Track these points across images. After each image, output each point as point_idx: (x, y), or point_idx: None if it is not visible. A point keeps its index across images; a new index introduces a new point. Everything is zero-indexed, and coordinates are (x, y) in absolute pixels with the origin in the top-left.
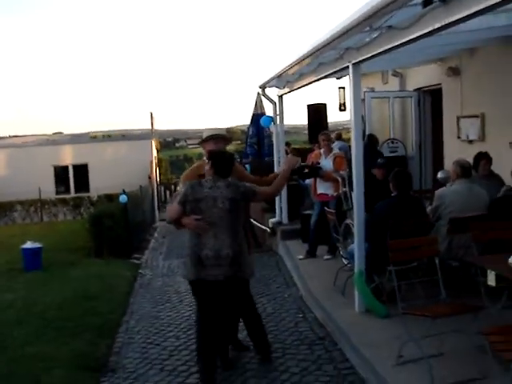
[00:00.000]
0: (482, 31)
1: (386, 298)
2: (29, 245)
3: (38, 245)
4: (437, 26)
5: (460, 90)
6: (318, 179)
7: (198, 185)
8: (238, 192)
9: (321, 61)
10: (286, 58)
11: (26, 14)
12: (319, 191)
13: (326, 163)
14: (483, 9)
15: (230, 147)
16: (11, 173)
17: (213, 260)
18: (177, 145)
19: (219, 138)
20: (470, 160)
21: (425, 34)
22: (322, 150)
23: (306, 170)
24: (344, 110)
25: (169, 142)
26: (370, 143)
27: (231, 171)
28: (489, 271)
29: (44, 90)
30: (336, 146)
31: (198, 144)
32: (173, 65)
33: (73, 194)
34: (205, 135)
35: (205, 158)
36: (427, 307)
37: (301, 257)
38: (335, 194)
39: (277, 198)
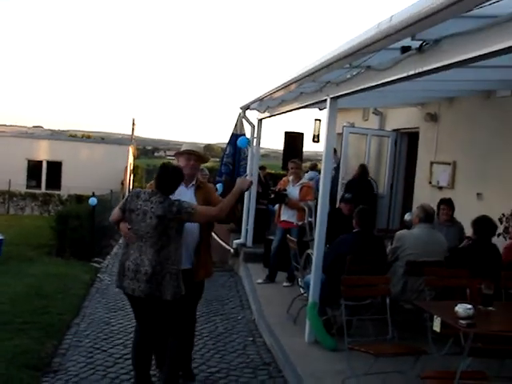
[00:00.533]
0: (459, 82)
1: (336, 331)
2: None
3: None
4: (411, 72)
5: (436, 135)
6: (283, 206)
7: (136, 195)
8: (170, 210)
9: (302, 90)
10: (268, 83)
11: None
12: (283, 218)
13: (293, 191)
14: (454, 63)
15: (207, 164)
16: None
17: (132, 273)
18: (156, 154)
19: (192, 155)
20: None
21: (401, 78)
22: (290, 178)
23: (272, 196)
24: (317, 141)
25: (148, 150)
26: (363, 172)
27: (173, 188)
28: (435, 317)
29: (29, 82)
30: (308, 175)
31: (174, 156)
32: (162, 75)
33: (43, 189)
34: (182, 148)
35: None
36: (372, 345)
37: (260, 281)
38: (299, 222)
39: (244, 220)
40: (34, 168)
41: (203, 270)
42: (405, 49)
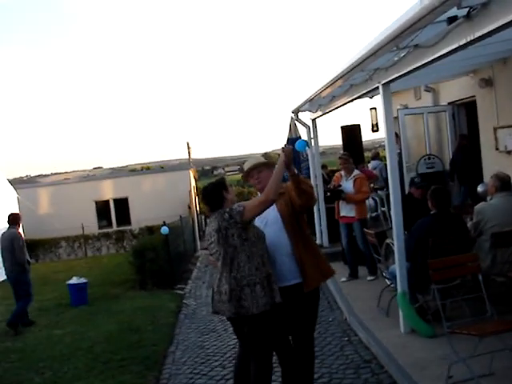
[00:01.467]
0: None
1: (431, 317)
2: (74, 280)
3: (83, 280)
4: (462, 42)
5: (495, 100)
6: (340, 201)
7: (207, 223)
8: (223, 219)
9: (351, 82)
10: (316, 82)
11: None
12: (342, 213)
13: (347, 185)
14: (508, 22)
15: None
16: (54, 210)
17: (218, 295)
18: (215, 172)
19: (261, 166)
20: (510, 170)
21: (451, 50)
22: (342, 173)
23: (328, 194)
24: (377, 130)
25: (207, 170)
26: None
27: (219, 202)
28: None
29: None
30: (371, 165)
31: (243, 179)
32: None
33: (115, 227)
34: (245, 168)
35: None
36: (474, 325)
37: (344, 279)
38: (358, 216)
39: (316, 221)
40: (102, 208)
41: (315, 275)
42: (451, 19)
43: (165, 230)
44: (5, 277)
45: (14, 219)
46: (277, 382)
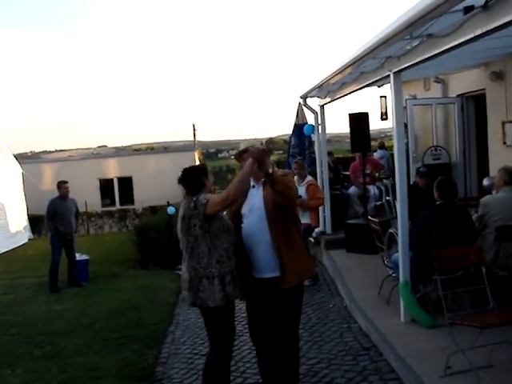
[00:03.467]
0: None
1: (432, 307)
2: (76, 257)
3: (85, 257)
4: (478, 32)
5: (505, 94)
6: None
7: None
8: (189, 208)
9: (362, 70)
10: (326, 68)
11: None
12: None
13: (300, 191)
14: None
15: (272, 157)
16: None
17: (181, 282)
18: (219, 155)
19: (246, 153)
20: None
21: (466, 41)
22: (295, 178)
23: None
24: (386, 118)
25: (211, 152)
26: None
27: (198, 187)
28: None
29: (88, 104)
30: (378, 154)
31: (235, 158)
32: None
33: (118, 206)
34: (241, 148)
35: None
36: (475, 317)
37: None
38: (314, 224)
39: (320, 208)
40: (106, 186)
41: (293, 274)
42: (468, 9)
43: (171, 209)
44: (5, 249)
45: None
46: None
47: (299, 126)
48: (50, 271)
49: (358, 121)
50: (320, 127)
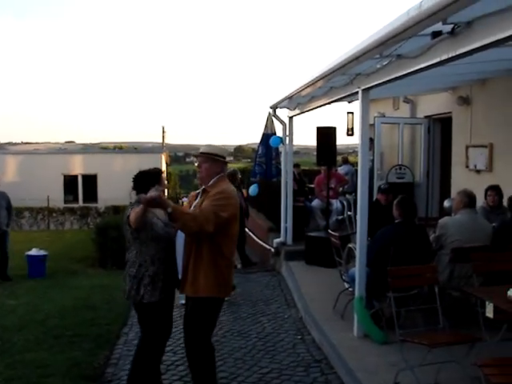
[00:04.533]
0: (492, 62)
1: (385, 323)
2: (34, 252)
3: (43, 252)
4: (444, 57)
5: (470, 119)
6: None
7: None
8: (125, 214)
9: (332, 85)
10: (297, 80)
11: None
12: None
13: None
14: (489, 43)
15: (239, 165)
16: (21, 179)
17: None
18: (187, 160)
19: (205, 157)
20: (477, 189)
21: (433, 64)
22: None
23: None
24: (352, 134)
25: (179, 156)
26: None
27: (140, 189)
28: (487, 303)
29: (58, 98)
30: (343, 169)
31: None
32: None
33: (81, 203)
34: (200, 150)
35: None
36: (425, 335)
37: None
38: None
39: (282, 218)
40: (70, 183)
41: (190, 286)
42: (436, 34)
43: None
44: None
45: None
46: None
47: (267, 136)
48: None
49: (326, 135)
50: (288, 138)
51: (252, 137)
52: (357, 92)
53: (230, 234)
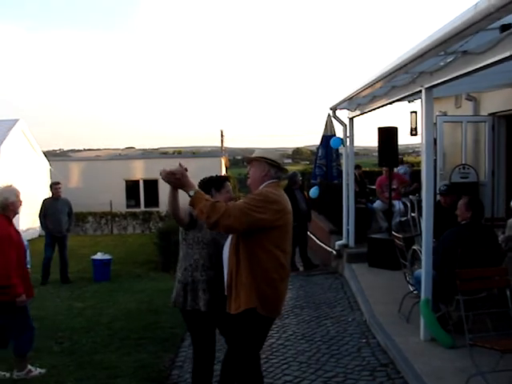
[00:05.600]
0: None
1: (453, 327)
2: (99, 256)
3: (107, 256)
4: None
5: None
6: None
7: None
8: None
9: (393, 84)
10: (357, 81)
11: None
12: None
13: None
14: None
15: (298, 167)
16: (84, 185)
17: None
18: (245, 163)
19: (252, 161)
20: None
21: (502, 59)
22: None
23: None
24: (415, 134)
25: (238, 160)
26: None
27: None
28: None
29: (118, 105)
30: (399, 170)
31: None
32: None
33: (142, 208)
34: (253, 155)
35: None
36: (497, 340)
37: None
38: None
39: (344, 220)
40: (131, 188)
41: (234, 303)
42: (505, 27)
43: None
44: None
45: None
46: None
47: (327, 138)
48: (42, 265)
49: (387, 135)
50: (348, 140)
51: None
52: (419, 91)
53: (271, 243)
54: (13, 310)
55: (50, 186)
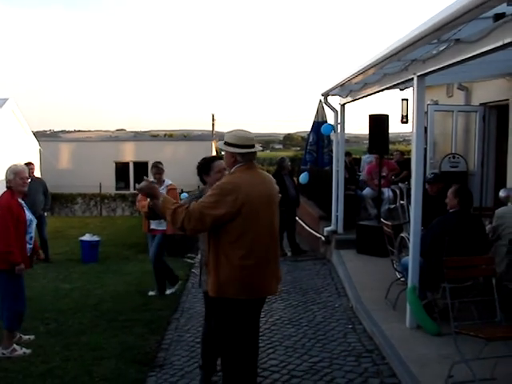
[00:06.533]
0: None
1: (438, 315)
2: (87, 237)
3: (96, 238)
4: (507, 40)
5: None
6: None
7: None
8: (197, 197)
9: (385, 71)
10: (350, 67)
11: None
12: (152, 226)
13: None
14: None
15: (289, 153)
16: (74, 166)
17: None
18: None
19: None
20: None
21: (494, 48)
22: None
23: (146, 210)
24: (406, 122)
25: None
26: None
27: (202, 180)
28: None
29: (109, 87)
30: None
31: None
32: (237, 69)
33: (132, 190)
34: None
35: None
36: (481, 328)
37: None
38: (169, 232)
39: (333, 207)
40: (121, 170)
41: (210, 284)
42: (498, 16)
43: (184, 196)
44: None
45: None
46: None
47: (318, 124)
48: None
49: (378, 122)
50: (339, 126)
51: (301, 125)
52: (411, 79)
53: (235, 231)
54: (10, 278)
55: None
